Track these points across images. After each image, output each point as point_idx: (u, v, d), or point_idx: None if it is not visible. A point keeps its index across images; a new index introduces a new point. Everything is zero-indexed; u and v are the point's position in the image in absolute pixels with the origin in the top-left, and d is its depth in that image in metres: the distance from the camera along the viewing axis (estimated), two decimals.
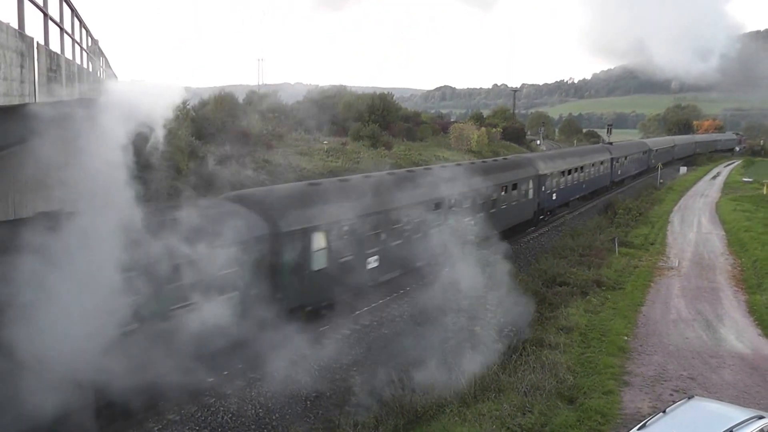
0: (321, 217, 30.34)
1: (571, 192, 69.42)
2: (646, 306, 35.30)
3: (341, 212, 31.35)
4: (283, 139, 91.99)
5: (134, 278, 20.72)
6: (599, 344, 28.48)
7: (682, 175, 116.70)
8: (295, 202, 30.57)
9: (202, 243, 23.41)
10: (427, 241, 36.59)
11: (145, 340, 21.47)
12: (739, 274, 43.04)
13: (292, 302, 28.85)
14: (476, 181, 44.54)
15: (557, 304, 34.10)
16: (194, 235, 23.31)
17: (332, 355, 27.77)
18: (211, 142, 68.58)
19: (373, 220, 33.99)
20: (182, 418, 23.67)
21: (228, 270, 24.92)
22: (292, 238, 28.43)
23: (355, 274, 32.22)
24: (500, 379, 23.48)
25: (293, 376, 26.02)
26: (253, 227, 27.09)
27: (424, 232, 37.56)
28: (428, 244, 36.03)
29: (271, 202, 29.55)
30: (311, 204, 30.78)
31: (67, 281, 17.74)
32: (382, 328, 32.35)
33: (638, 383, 24.59)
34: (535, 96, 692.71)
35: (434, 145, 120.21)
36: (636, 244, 51.31)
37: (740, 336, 30.62)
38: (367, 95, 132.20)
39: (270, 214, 28.35)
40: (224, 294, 24.75)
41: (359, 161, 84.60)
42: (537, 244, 53.78)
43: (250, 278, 26.26)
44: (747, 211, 67.80)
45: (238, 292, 25.64)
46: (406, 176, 41.22)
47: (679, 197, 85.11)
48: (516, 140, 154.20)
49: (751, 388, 24.42)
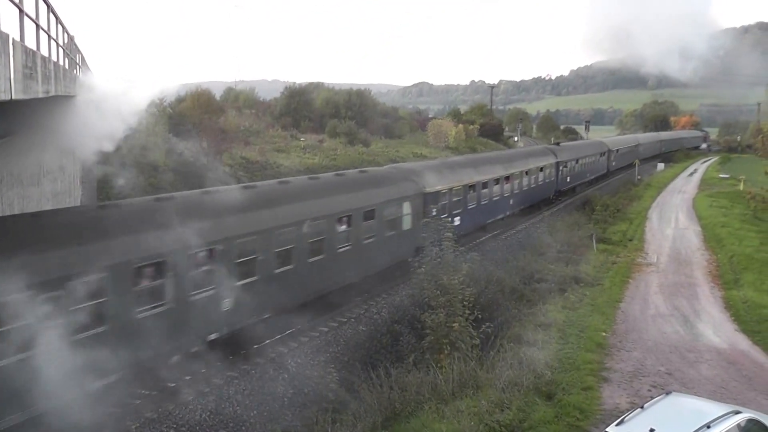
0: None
1: (487, 212, 52.95)
2: (624, 302, 35.41)
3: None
4: (260, 136, 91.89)
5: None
6: (578, 340, 28.54)
7: (660, 172, 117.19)
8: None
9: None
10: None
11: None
12: (715, 270, 43.25)
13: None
14: (296, 211, 30.79)
15: (535, 300, 34.19)
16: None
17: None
18: (188, 139, 68.32)
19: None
20: (159, 416, 23.60)
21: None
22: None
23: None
24: (478, 375, 23.50)
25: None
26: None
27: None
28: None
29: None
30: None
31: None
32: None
33: (617, 379, 24.66)
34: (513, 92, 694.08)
35: (412, 141, 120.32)
36: (614, 241, 51.50)
37: (717, 331, 30.79)
38: (344, 91, 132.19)
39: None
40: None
41: (336, 158, 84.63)
42: (515, 241, 53.84)
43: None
44: (723, 207, 68.16)
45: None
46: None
47: (657, 193, 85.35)
48: (494, 137, 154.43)
49: (728, 383, 24.55)
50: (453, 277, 26.99)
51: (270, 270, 28.63)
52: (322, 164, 78.76)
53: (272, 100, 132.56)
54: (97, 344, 20.94)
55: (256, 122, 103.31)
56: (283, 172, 67.59)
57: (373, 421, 20.92)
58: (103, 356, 20.79)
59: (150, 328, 23.23)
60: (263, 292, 28.20)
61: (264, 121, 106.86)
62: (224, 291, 26.20)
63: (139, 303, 23.12)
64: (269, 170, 68.55)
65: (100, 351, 20.79)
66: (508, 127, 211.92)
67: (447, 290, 26.33)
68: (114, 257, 21.95)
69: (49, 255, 20.22)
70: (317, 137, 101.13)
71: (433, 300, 26.43)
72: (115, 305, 21.93)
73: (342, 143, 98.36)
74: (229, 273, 26.34)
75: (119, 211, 24.63)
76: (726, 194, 79.98)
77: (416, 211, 40.46)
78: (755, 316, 32.52)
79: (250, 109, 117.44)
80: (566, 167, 75.48)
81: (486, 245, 50.88)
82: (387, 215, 37.29)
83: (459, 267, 28.10)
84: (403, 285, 38.28)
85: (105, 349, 21.00)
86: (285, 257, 29.51)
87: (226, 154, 66.44)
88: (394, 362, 25.71)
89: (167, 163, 59.01)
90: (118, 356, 21.62)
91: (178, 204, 26.40)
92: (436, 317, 25.29)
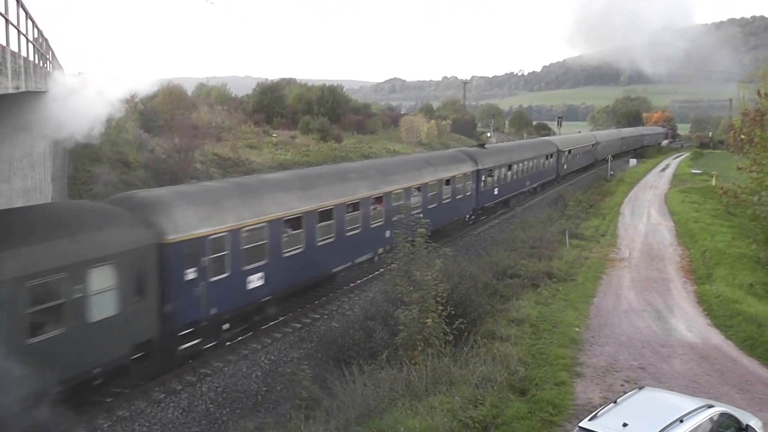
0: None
1: (329, 257, 35.77)
2: (597, 297, 35.55)
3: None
4: (232, 132, 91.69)
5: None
6: (551, 336, 28.60)
7: (632, 167, 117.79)
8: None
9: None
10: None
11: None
12: (688, 265, 43.53)
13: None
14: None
15: (508, 296, 34.22)
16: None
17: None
18: (159, 135, 68.12)
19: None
20: (132, 414, 23.53)
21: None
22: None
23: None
24: (452, 371, 23.48)
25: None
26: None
27: None
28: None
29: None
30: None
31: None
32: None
33: (590, 374, 24.75)
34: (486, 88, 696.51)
35: (385, 138, 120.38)
36: (587, 236, 51.73)
37: (690, 326, 30.97)
38: (316, 87, 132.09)
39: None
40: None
41: (308, 154, 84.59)
42: (487, 236, 53.97)
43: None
44: (695, 203, 68.73)
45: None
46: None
47: (629, 189, 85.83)
48: (466, 132, 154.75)
49: (701, 378, 24.69)
50: (426, 272, 26.97)
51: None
52: (295, 160, 78.74)
53: (244, 97, 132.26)
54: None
55: (228, 118, 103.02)
56: (255, 169, 67.54)
57: (347, 417, 20.88)
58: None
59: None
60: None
61: (236, 117, 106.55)
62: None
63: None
64: (241, 167, 68.46)
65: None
66: (481, 122, 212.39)
67: (420, 286, 26.30)
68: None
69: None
70: (290, 133, 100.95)
71: (406, 296, 26.37)
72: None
73: (314, 139, 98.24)
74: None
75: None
76: (698, 190, 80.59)
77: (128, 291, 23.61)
78: (728, 311, 32.69)
79: (222, 106, 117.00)
80: (492, 176, 61.08)
81: (459, 241, 50.99)
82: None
83: (432, 263, 28.06)
84: (376, 281, 38.29)
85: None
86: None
87: (198, 150, 66.17)
88: (368, 359, 25.69)
89: (139, 159, 58.79)
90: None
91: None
92: (409, 313, 25.24)
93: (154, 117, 74.62)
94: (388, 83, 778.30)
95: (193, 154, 64.25)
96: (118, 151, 57.97)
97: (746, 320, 30.94)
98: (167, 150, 62.98)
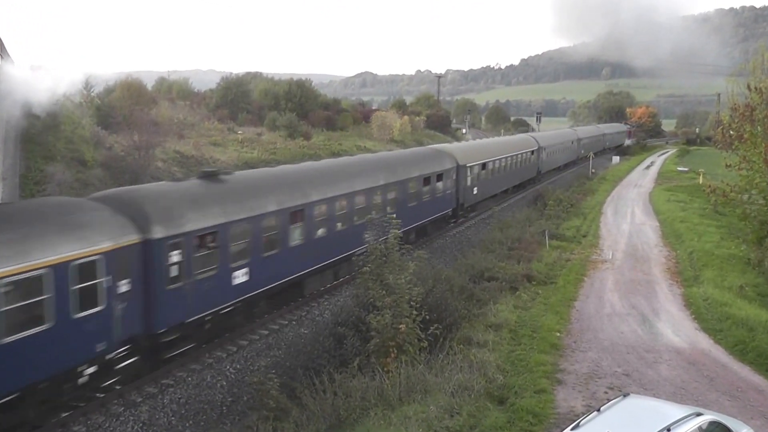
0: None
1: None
2: (579, 300, 35.66)
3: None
4: (195, 129, 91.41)
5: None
6: (530, 341, 28.62)
7: (615, 165, 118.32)
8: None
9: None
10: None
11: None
12: (674, 267, 43.77)
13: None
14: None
15: (485, 300, 34.17)
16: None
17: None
18: (117, 132, 67.76)
19: None
20: (89, 429, 23.39)
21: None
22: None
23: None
24: (426, 379, 23.47)
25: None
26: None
27: None
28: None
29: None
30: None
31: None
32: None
33: (572, 381, 24.78)
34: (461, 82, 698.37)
35: (356, 134, 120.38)
36: (568, 237, 51.91)
37: (677, 330, 31.08)
38: (284, 81, 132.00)
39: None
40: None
41: (275, 152, 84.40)
42: (463, 238, 54.05)
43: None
44: (682, 201, 69.20)
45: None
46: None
47: (612, 187, 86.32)
48: (441, 129, 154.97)
49: (689, 384, 24.75)
50: (399, 276, 26.96)
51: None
52: (261, 158, 78.58)
53: (208, 92, 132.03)
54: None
55: (190, 114, 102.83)
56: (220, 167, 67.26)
57: (317, 428, 20.87)
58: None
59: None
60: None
61: (199, 113, 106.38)
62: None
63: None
64: (205, 165, 68.16)
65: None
66: (456, 118, 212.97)
67: (393, 290, 26.30)
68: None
69: None
70: (256, 130, 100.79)
71: (378, 300, 26.35)
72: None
73: (282, 136, 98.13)
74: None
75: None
76: (685, 188, 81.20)
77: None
78: (716, 314, 32.81)
79: (184, 101, 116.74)
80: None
81: (434, 243, 51.03)
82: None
83: (405, 265, 28.06)
84: (347, 285, 38.25)
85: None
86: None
87: (159, 148, 65.88)
88: (338, 367, 25.64)
89: (96, 157, 58.41)
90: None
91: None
92: (381, 318, 25.20)
93: (112, 113, 74.17)
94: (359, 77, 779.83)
95: (154, 152, 63.97)
96: (73, 149, 57.52)
97: (736, 324, 31.02)
98: (126, 148, 62.68)
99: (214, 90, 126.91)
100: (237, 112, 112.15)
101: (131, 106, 77.45)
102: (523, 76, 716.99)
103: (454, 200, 57.73)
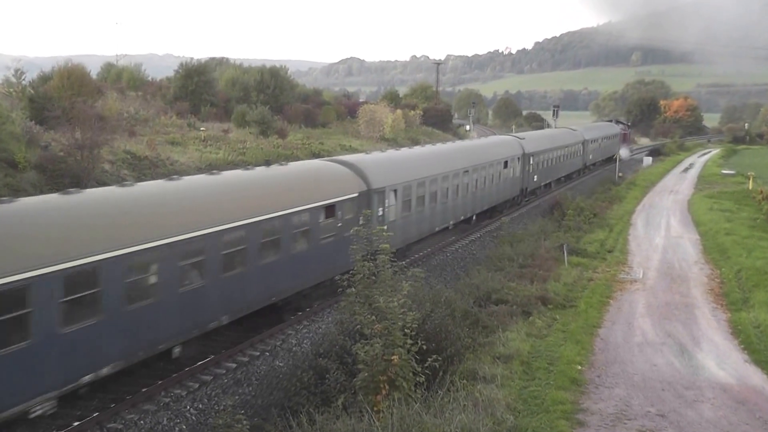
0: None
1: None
2: (603, 327, 35.65)
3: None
4: (149, 125, 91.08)
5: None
6: (546, 376, 28.57)
7: (647, 167, 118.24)
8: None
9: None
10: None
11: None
12: (718, 287, 43.73)
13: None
14: None
15: (493, 327, 34.12)
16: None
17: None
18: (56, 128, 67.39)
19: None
20: None
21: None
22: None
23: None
24: (423, 420, 23.43)
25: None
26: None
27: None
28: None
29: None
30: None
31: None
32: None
33: (595, 423, 24.72)
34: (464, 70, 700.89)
35: (340, 131, 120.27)
36: (590, 252, 51.93)
37: (722, 362, 31.00)
38: (254, 69, 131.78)
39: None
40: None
41: (245, 152, 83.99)
42: (467, 253, 54.05)
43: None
44: (727, 211, 68.98)
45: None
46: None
47: (642, 194, 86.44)
48: (440, 125, 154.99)
49: (737, 428, 24.70)
50: (391, 298, 26.96)
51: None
52: (228, 159, 78.06)
53: (164, 80, 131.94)
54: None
55: (144, 107, 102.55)
56: (179, 170, 66.86)
57: None
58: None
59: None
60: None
61: (154, 105, 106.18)
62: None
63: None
64: (162, 168, 67.76)
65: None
66: (459, 112, 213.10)
67: (384, 315, 26.29)
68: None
69: None
70: (221, 126, 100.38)
71: (366, 327, 26.36)
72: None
73: (252, 134, 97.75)
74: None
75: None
76: (730, 194, 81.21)
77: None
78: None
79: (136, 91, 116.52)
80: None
81: (432, 259, 51.03)
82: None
83: (399, 286, 28.06)
84: (329, 309, 38.24)
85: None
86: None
87: (106, 147, 65.41)
88: (320, 406, 25.63)
89: (29, 158, 57.98)
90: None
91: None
92: (370, 349, 25.19)
93: (49, 105, 73.72)
94: (344, 64, 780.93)
95: (100, 152, 63.48)
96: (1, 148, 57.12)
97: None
98: (66, 147, 62.08)
99: (171, 78, 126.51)
100: (199, 104, 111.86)
101: (72, 98, 76.87)
102: (537, 62, 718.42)
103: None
